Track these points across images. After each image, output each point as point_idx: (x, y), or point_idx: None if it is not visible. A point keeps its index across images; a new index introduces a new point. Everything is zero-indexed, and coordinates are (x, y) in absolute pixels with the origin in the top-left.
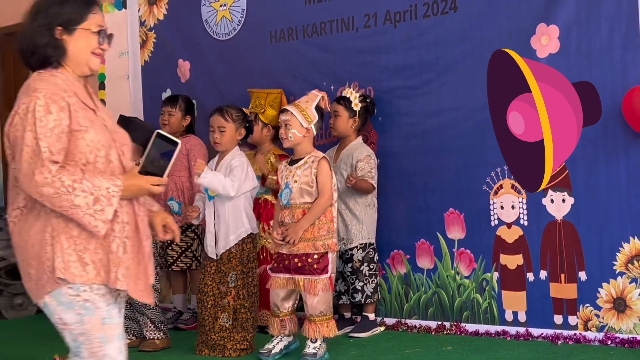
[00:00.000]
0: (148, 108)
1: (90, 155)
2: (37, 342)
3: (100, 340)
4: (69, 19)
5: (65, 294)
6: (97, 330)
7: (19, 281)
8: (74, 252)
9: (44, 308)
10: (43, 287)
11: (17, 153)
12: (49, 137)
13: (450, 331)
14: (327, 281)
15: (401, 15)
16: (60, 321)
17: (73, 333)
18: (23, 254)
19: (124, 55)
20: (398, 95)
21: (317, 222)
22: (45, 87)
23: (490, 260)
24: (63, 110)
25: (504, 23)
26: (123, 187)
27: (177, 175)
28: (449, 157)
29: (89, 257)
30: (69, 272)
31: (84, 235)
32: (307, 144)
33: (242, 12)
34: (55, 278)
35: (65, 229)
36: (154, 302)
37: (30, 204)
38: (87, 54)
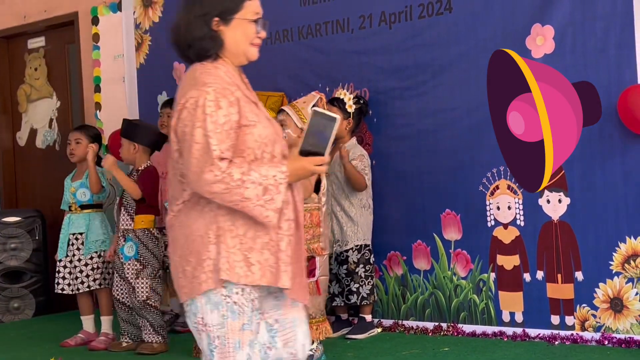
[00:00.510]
0: (144, 111)
1: (258, 151)
2: (33, 346)
3: (234, 345)
4: (225, 8)
5: (217, 294)
6: (234, 334)
7: (16, 285)
8: (239, 251)
9: (187, 306)
10: (199, 286)
11: (186, 150)
12: (219, 133)
13: (447, 332)
14: (314, 285)
15: (396, 17)
16: (201, 321)
17: (210, 335)
18: (181, 250)
19: (120, 58)
20: (393, 96)
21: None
22: (214, 81)
23: (487, 261)
24: (232, 105)
25: (499, 24)
26: (288, 172)
27: None
28: (444, 158)
29: (254, 257)
30: (233, 272)
31: (250, 234)
32: None
33: None
34: (217, 278)
35: (231, 227)
36: (309, 302)
37: (195, 199)
38: (245, 44)
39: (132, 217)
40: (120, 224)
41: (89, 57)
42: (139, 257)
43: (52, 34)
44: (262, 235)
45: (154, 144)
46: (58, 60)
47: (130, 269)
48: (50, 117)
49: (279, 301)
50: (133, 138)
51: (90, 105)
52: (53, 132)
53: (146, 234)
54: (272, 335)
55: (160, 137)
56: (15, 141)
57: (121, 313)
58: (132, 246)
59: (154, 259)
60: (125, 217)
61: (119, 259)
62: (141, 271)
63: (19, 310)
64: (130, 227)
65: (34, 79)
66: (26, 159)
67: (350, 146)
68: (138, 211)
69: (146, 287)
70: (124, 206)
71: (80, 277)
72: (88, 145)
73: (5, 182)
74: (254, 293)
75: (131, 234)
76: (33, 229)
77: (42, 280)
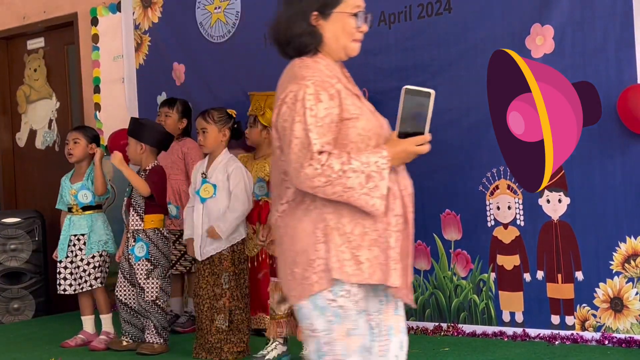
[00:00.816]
0: (143, 111)
1: (362, 145)
2: (33, 347)
3: (342, 352)
4: (324, 3)
5: (322, 298)
6: (341, 340)
7: (16, 286)
8: (347, 249)
9: (297, 311)
10: (310, 287)
11: (286, 146)
12: (319, 127)
13: (447, 332)
14: None
15: (396, 17)
16: (310, 327)
17: (319, 342)
18: (288, 251)
19: (119, 58)
20: (393, 96)
21: None
22: (313, 74)
23: (487, 261)
24: (333, 98)
25: (499, 24)
26: (390, 156)
27: (173, 179)
28: (444, 158)
29: (363, 255)
30: (343, 271)
31: (358, 231)
32: None
33: (237, 14)
34: (328, 278)
35: (337, 225)
36: (413, 302)
37: (300, 197)
38: (345, 39)
39: (142, 217)
40: (130, 224)
41: (88, 58)
42: (149, 257)
43: (51, 34)
44: (370, 232)
45: (161, 143)
46: (57, 61)
47: (141, 269)
48: (50, 117)
49: (382, 305)
50: (140, 138)
51: (89, 106)
52: (52, 133)
53: (156, 233)
54: (372, 339)
55: (167, 137)
56: (14, 142)
57: (123, 314)
58: (142, 246)
59: (164, 258)
60: (135, 217)
61: (127, 260)
62: (152, 271)
63: (19, 311)
64: (141, 227)
65: (34, 79)
66: (26, 160)
67: None
68: (147, 211)
69: (156, 288)
70: (133, 206)
71: (84, 277)
72: (89, 146)
73: (4, 183)
74: (359, 294)
75: (141, 234)
76: (33, 229)
77: (42, 281)
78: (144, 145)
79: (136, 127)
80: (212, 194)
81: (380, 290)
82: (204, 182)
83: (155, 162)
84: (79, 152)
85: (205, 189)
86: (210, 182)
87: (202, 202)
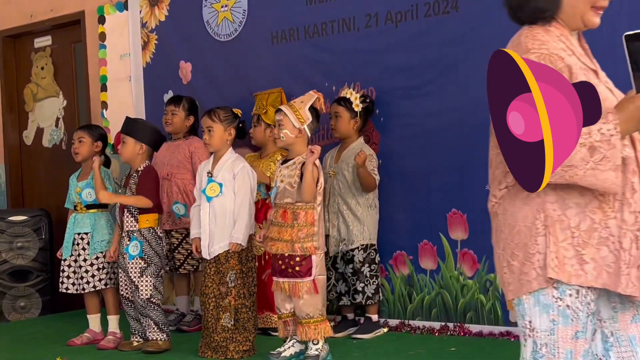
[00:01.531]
0: (150, 110)
1: None
2: (39, 345)
3: (565, 356)
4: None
5: (548, 295)
6: (565, 344)
7: (22, 284)
8: (570, 246)
9: (515, 306)
10: (528, 284)
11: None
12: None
13: (454, 332)
14: (311, 284)
15: (402, 15)
16: (528, 325)
17: (536, 342)
18: (505, 242)
19: (126, 57)
20: (400, 95)
21: (297, 224)
22: (539, 47)
23: (493, 261)
24: (562, 72)
25: (506, 23)
26: (618, 120)
27: (179, 178)
28: (451, 157)
29: (589, 254)
30: (563, 270)
31: (585, 226)
32: (300, 144)
33: (244, 12)
34: (545, 276)
35: (561, 217)
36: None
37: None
38: (583, 6)
39: (136, 219)
40: (125, 225)
41: (95, 56)
42: (143, 255)
43: (58, 33)
44: (599, 229)
45: (158, 144)
46: (64, 59)
47: (135, 267)
48: (57, 116)
49: (616, 312)
50: (140, 138)
51: (96, 104)
52: (59, 131)
53: (151, 232)
54: (606, 348)
55: (162, 138)
56: (22, 140)
57: (129, 310)
58: (136, 245)
59: (157, 257)
60: (129, 218)
61: (124, 258)
62: (145, 269)
63: (25, 309)
64: (135, 228)
65: (41, 77)
66: (33, 158)
67: (358, 146)
68: (142, 211)
69: (150, 286)
70: (127, 208)
71: (86, 277)
72: (94, 144)
73: (12, 181)
74: (590, 295)
75: (136, 233)
76: (39, 227)
77: (49, 280)
78: (144, 145)
79: (135, 127)
80: (218, 192)
81: (614, 295)
82: (210, 181)
83: (147, 162)
84: (85, 151)
85: (212, 188)
86: (216, 180)
87: (209, 200)
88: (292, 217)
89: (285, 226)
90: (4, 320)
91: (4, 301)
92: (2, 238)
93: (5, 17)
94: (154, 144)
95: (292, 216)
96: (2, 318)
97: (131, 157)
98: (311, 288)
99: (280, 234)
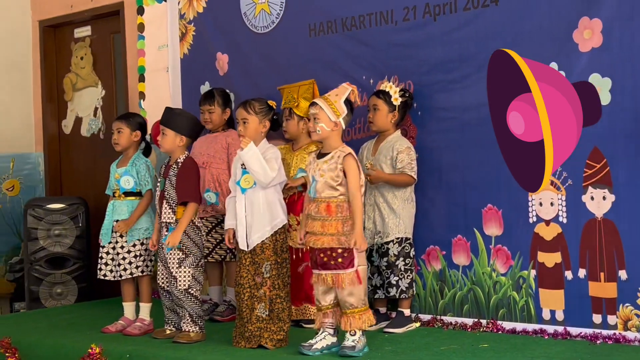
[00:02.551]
0: (187, 101)
1: None
2: (74, 331)
3: None
4: None
5: None
6: None
7: (59, 271)
8: None
9: None
10: None
11: None
12: None
13: (486, 328)
14: (354, 275)
15: (441, 8)
16: None
17: None
18: None
19: (164, 48)
20: (437, 89)
21: (341, 217)
22: None
23: (527, 258)
24: None
25: (545, 16)
26: None
27: (214, 167)
28: (488, 152)
29: None
30: None
31: None
32: (335, 137)
33: (282, 5)
34: None
35: None
36: None
37: None
38: None
39: (174, 210)
40: (163, 216)
41: (133, 47)
42: (181, 246)
43: (98, 23)
44: None
45: (197, 135)
46: (103, 49)
47: (173, 258)
48: (95, 105)
49: None
50: (181, 130)
51: (134, 95)
52: (98, 121)
53: (189, 223)
54: None
55: (199, 127)
56: (60, 129)
57: (165, 301)
58: None
59: (196, 248)
60: (167, 210)
61: (162, 249)
62: (184, 260)
63: (62, 296)
64: (172, 219)
65: (80, 67)
66: (71, 147)
67: (395, 138)
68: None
69: (188, 276)
70: (166, 199)
71: (123, 264)
72: (133, 133)
73: (50, 170)
74: None
75: (173, 224)
76: (77, 216)
77: (85, 267)
78: (184, 137)
79: (174, 118)
80: (252, 184)
81: None
82: (245, 173)
83: (186, 153)
84: (124, 141)
85: (246, 180)
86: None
87: (243, 192)
88: (336, 210)
89: (329, 220)
90: (40, 306)
91: (41, 287)
92: (40, 225)
93: (46, 7)
94: (193, 135)
95: (337, 209)
96: (39, 304)
97: (171, 148)
98: (354, 279)
99: (325, 227)
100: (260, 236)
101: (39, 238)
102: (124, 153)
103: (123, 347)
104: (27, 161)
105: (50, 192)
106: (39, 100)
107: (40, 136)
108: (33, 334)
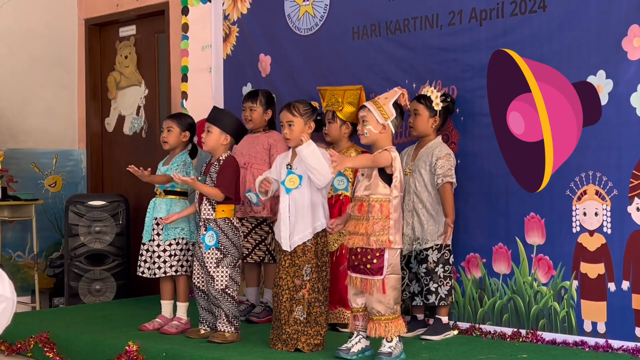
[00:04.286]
0: (229, 101)
1: None
2: (112, 328)
3: None
4: None
5: None
6: None
7: (98, 267)
8: None
9: None
10: None
11: None
12: None
13: (525, 339)
14: (380, 283)
15: (487, 13)
16: None
17: None
18: None
19: (207, 48)
20: (481, 95)
21: (372, 217)
22: None
23: (570, 268)
24: None
25: (594, 24)
26: None
27: (255, 168)
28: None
29: None
30: None
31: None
32: (384, 140)
33: (325, 7)
34: None
35: None
36: None
37: None
38: None
39: (214, 207)
40: (202, 213)
41: (177, 47)
42: (219, 246)
43: (142, 22)
44: None
45: (240, 137)
46: (147, 48)
47: (211, 258)
48: (138, 104)
49: None
50: (226, 129)
51: (177, 94)
52: (140, 120)
53: (227, 223)
54: None
55: (243, 131)
56: (103, 127)
57: (200, 300)
58: (212, 235)
59: (234, 248)
60: (207, 207)
61: (200, 248)
62: (221, 260)
63: (100, 293)
64: (212, 216)
65: (124, 66)
66: (113, 145)
67: (435, 144)
68: (220, 201)
69: (225, 276)
70: (206, 196)
71: (158, 262)
72: (182, 134)
73: (92, 167)
74: None
75: (212, 223)
76: (117, 213)
77: (124, 264)
78: (228, 136)
79: (222, 117)
80: (297, 184)
81: None
82: (290, 173)
83: (228, 152)
84: (173, 140)
85: (291, 180)
86: (295, 172)
87: (288, 192)
88: (367, 209)
89: (361, 219)
90: (79, 302)
91: (80, 283)
92: (81, 222)
93: (92, 5)
94: (237, 136)
95: (367, 208)
96: (78, 300)
97: (215, 146)
98: (380, 287)
99: (357, 227)
100: (301, 237)
101: (79, 234)
102: (170, 152)
103: (160, 345)
104: (69, 158)
105: (91, 189)
106: (83, 98)
107: (83, 133)
108: (71, 330)
